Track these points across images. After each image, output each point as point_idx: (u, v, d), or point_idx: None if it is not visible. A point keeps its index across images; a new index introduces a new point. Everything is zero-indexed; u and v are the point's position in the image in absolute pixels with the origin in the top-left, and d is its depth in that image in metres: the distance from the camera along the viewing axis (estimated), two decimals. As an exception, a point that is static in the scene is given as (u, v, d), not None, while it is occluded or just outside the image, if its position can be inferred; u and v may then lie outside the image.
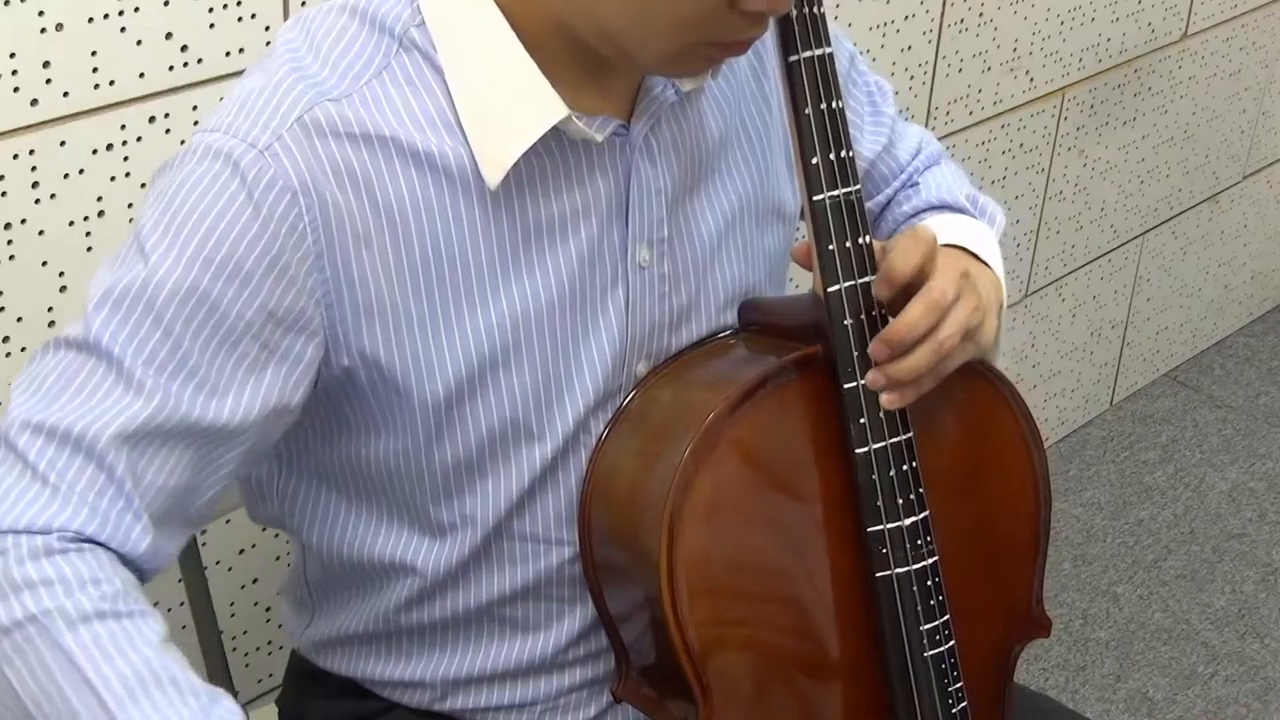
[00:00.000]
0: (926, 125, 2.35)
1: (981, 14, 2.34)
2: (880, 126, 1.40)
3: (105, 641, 1.00)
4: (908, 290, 1.14)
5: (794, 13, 1.13)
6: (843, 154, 1.15)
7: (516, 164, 1.11)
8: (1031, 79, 2.49)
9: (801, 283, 1.30)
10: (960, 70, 2.35)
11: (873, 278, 1.16)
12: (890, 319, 1.17)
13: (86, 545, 1.04)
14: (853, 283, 1.16)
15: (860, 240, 1.16)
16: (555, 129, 1.11)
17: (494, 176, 1.11)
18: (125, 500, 1.06)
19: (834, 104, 1.15)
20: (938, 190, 1.40)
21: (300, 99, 1.08)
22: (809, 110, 1.14)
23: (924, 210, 1.40)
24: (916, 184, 1.42)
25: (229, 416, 1.09)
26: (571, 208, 1.15)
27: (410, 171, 1.10)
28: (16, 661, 1.01)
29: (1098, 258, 2.84)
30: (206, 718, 1.00)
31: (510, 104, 1.10)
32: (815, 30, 1.14)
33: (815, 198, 1.15)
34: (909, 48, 2.25)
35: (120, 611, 1.02)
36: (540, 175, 1.13)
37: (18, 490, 1.05)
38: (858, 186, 1.16)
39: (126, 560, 1.07)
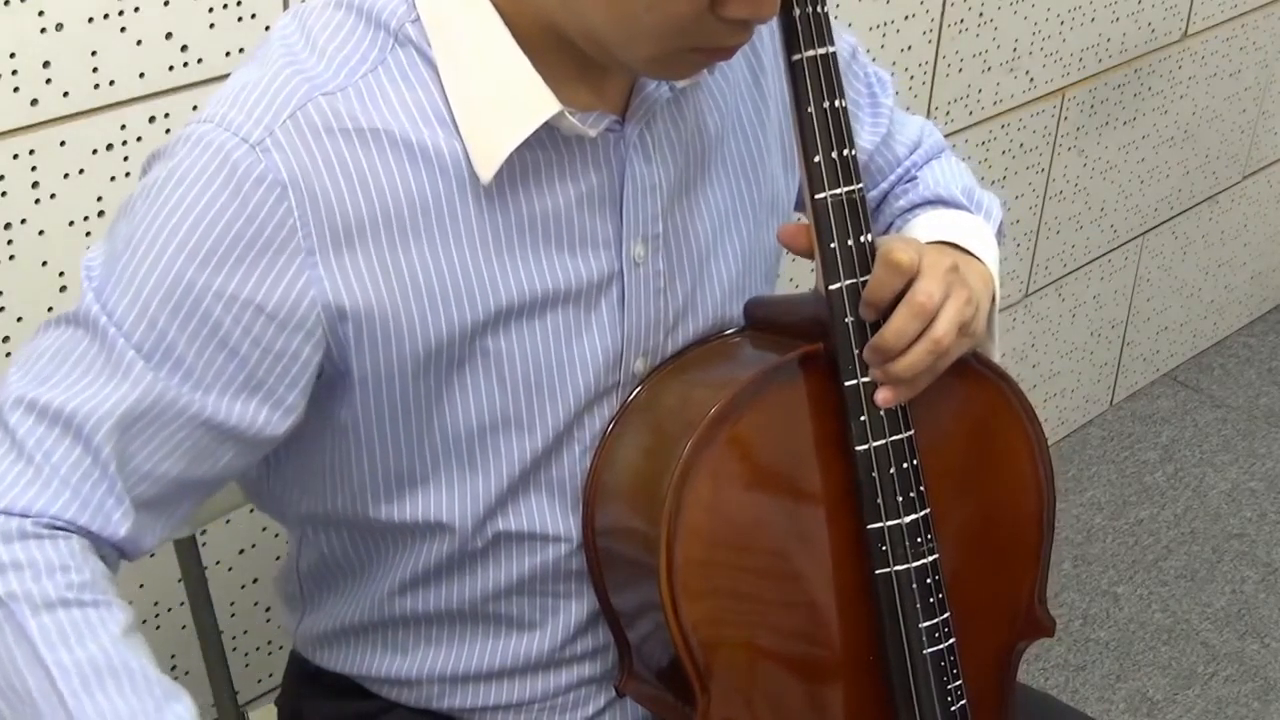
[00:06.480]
0: (926, 125, 2.35)
1: (981, 14, 2.34)
2: (879, 119, 1.40)
3: (66, 628, 1.02)
4: (895, 299, 1.15)
5: (797, 11, 1.13)
6: (845, 152, 1.15)
7: (510, 159, 1.11)
8: (1031, 79, 2.49)
9: (801, 284, 1.30)
10: (960, 70, 2.35)
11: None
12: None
13: (61, 532, 1.06)
14: (854, 281, 1.16)
15: (862, 238, 1.16)
16: (549, 125, 1.11)
17: (486, 172, 1.11)
18: (108, 483, 1.07)
19: (836, 102, 1.15)
20: (934, 185, 1.40)
21: (295, 93, 1.08)
22: (811, 109, 1.15)
23: (919, 205, 1.40)
24: (915, 178, 1.42)
25: (226, 414, 1.09)
26: (565, 203, 1.15)
27: (405, 165, 1.10)
28: None
29: (1098, 258, 2.84)
30: (160, 714, 1.01)
31: (503, 99, 1.10)
32: (819, 29, 1.15)
33: (817, 196, 1.16)
34: (909, 48, 2.26)
35: (85, 601, 1.03)
36: (534, 170, 1.14)
37: (2, 469, 1.06)
38: (860, 185, 1.16)
39: (104, 544, 1.08)
